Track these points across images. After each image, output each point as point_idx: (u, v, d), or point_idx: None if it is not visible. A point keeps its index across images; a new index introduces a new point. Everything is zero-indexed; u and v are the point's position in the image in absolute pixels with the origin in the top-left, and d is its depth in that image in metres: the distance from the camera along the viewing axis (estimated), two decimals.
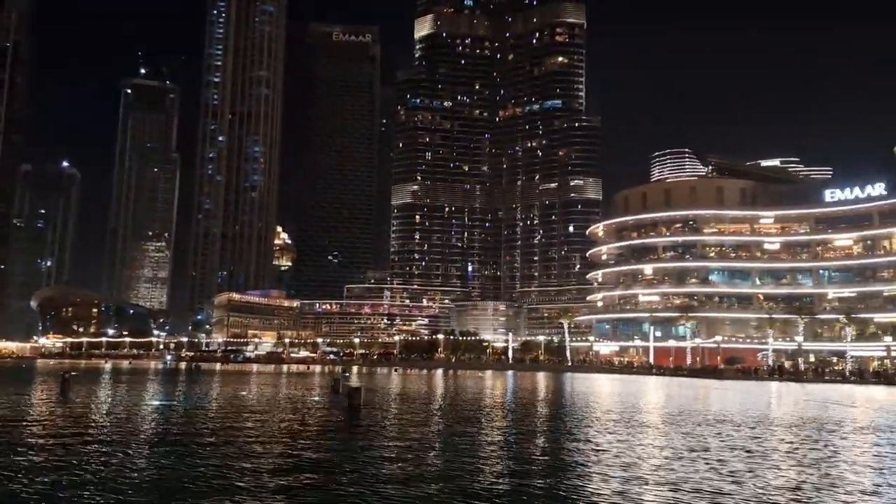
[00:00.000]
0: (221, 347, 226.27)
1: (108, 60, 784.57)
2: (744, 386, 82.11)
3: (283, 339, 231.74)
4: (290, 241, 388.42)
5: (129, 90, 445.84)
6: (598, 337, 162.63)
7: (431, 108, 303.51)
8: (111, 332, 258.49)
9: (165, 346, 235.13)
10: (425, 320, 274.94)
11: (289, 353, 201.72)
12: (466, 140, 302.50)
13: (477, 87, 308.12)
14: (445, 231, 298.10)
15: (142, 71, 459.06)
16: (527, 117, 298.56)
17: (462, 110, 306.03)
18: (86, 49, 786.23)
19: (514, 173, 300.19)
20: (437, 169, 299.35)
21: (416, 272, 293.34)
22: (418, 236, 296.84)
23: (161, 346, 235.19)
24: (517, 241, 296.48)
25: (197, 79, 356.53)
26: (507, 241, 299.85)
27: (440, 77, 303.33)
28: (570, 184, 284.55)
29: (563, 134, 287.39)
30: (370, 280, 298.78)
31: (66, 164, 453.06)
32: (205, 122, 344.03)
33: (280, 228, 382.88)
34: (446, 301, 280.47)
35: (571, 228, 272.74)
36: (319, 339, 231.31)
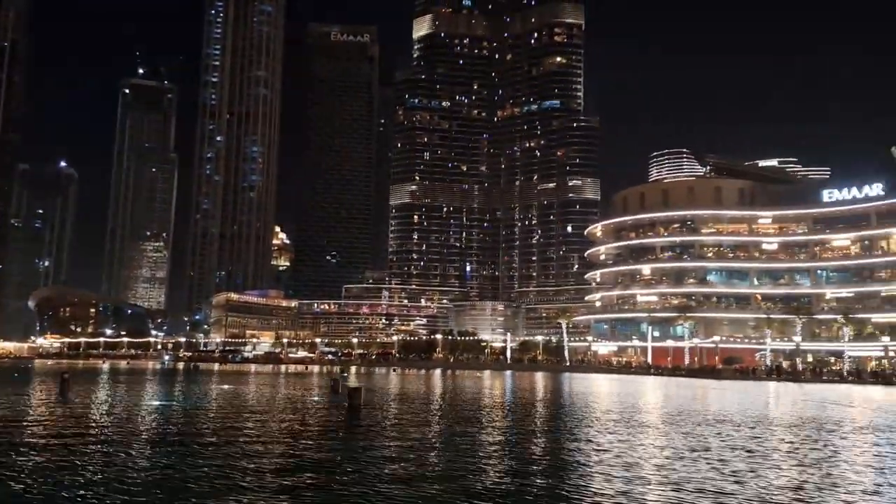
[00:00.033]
0: (219, 347, 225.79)
1: (106, 60, 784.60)
2: (742, 386, 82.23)
3: (281, 340, 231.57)
4: (289, 241, 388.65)
5: (127, 90, 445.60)
6: (596, 337, 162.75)
7: (430, 108, 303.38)
8: (109, 332, 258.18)
9: (163, 347, 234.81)
10: (423, 320, 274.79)
11: (287, 354, 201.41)
12: (465, 140, 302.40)
13: (475, 87, 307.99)
14: (444, 231, 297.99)
15: (140, 71, 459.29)
16: (525, 117, 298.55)
17: (460, 110, 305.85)
18: (84, 49, 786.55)
19: (512, 173, 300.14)
20: (436, 169, 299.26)
21: (415, 272, 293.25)
22: (416, 236, 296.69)
23: (159, 347, 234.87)
24: (515, 241, 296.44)
25: (195, 79, 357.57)
26: (506, 241, 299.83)
27: (438, 77, 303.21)
28: (568, 184, 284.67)
29: (562, 134, 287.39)
30: (368, 280, 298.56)
31: (63, 163, 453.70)
32: (203, 122, 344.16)
33: (278, 228, 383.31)
34: (444, 301, 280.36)
35: (570, 228, 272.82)
36: (318, 340, 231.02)
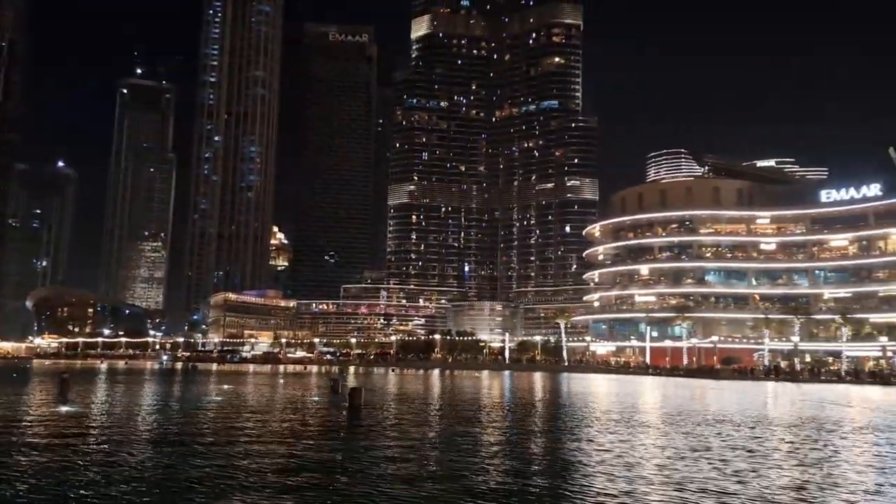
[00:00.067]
0: (218, 348, 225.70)
1: (105, 60, 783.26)
2: (740, 386, 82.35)
3: (279, 340, 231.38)
4: (287, 241, 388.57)
5: (125, 90, 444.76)
6: (594, 337, 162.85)
7: (428, 108, 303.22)
8: (107, 332, 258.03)
9: (161, 347, 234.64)
10: (422, 320, 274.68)
11: (285, 354, 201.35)
12: (463, 140, 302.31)
13: (473, 88, 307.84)
14: (442, 231, 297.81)
15: (138, 71, 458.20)
16: (523, 118, 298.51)
17: (459, 110, 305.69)
18: (83, 49, 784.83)
19: (510, 173, 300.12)
20: (434, 169, 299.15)
21: (413, 272, 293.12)
22: (415, 236, 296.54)
23: (157, 347, 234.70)
24: (514, 241, 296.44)
25: (193, 79, 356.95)
26: (504, 241, 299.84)
27: (437, 77, 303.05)
28: (566, 184, 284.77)
29: (560, 134, 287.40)
30: (367, 280, 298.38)
31: (61, 163, 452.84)
32: (201, 122, 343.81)
33: (276, 228, 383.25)
34: (443, 301, 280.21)
35: (568, 229, 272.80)
36: (316, 340, 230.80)
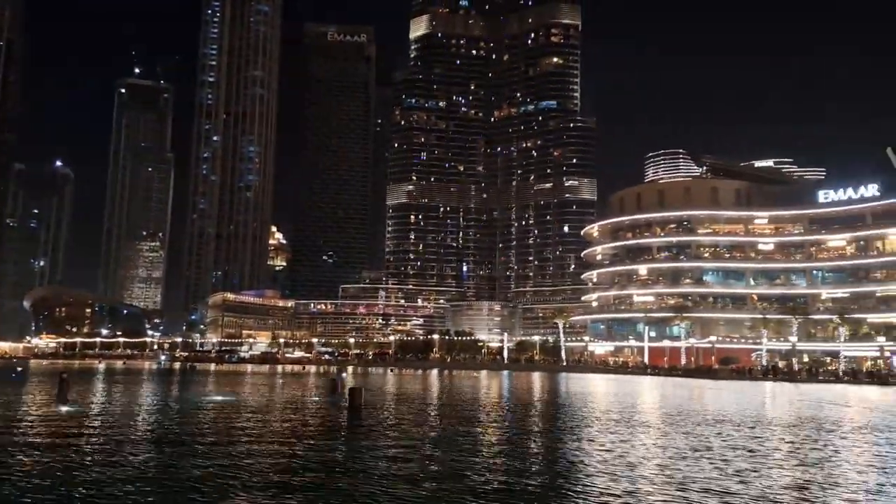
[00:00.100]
0: (216, 348, 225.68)
1: (103, 60, 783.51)
2: (738, 386, 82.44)
3: (277, 340, 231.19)
4: (285, 241, 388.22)
5: (123, 90, 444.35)
6: (593, 337, 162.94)
7: (427, 108, 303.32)
8: (105, 332, 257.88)
9: (160, 347, 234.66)
10: (420, 320, 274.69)
11: (284, 354, 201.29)
12: (462, 140, 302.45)
13: (472, 88, 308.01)
14: (440, 231, 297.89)
15: (136, 70, 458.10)
16: (522, 118, 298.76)
17: (457, 110, 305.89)
18: (81, 48, 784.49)
19: (509, 174, 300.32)
20: (433, 169, 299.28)
21: (412, 272, 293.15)
22: (413, 236, 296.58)
23: (155, 347, 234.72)
24: (512, 241, 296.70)
25: (191, 78, 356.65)
26: (503, 241, 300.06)
27: (435, 77, 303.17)
28: (565, 184, 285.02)
29: (558, 134, 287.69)
30: (365, 280, 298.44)
31: (59, 163, 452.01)
32: (199, 121, 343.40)
33: (275, 228, 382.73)
34: (441, 301, 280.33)
35: (566, 229, 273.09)
36: (314, 340, 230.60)
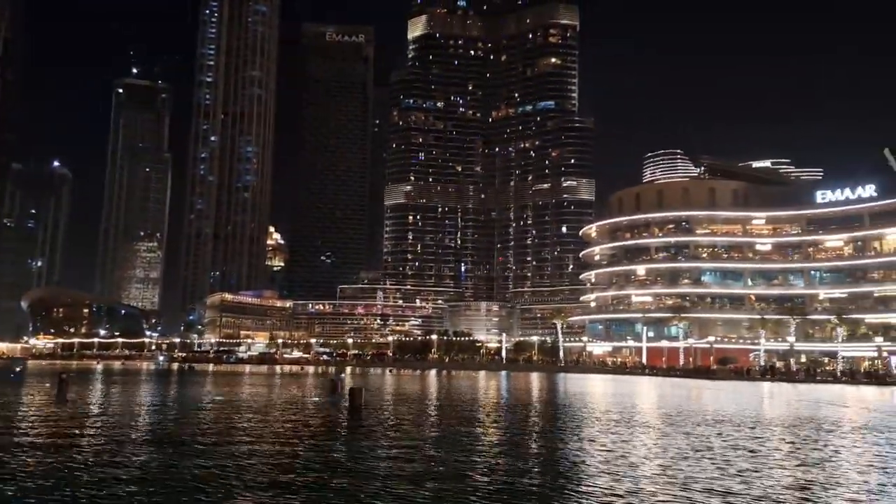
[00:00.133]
0: (214, 348, 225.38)
1: (101, 60, 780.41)
2: (736, 386, 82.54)
3: (275, 340, 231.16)
4: (283, 242, 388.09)
5: (121, 90, 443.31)
6: (591, 337, 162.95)
7: (424, 108, 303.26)
8: (103, 332, 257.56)
9: (157, 347, 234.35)
10: (418, 321, 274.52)
11: (282, 354, 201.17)
12: (459, 140, 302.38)
13: (470, 88, 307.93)
14: (438, 231, 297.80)
15: (134, 70, 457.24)
16: (520, 118, 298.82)
17: (455, 111, 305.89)
18: (79, 48, 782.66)
19: (507, 174, 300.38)
20: (431, 169, 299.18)
21: (410, 272, 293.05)
22: (411, 237, 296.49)
23: (153, 347, 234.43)
24: (510, 241, 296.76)
25: (189, 78, 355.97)
26: (501, 241, 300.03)
27: (433, 78, 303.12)
28: (563, 184, 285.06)
29: (556, 135, 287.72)
30: (363, 280, 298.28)
31: (57, 163, 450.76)
32: (197, 121, 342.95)
33: (273, 229, 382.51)
34: (439, 301, 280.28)
35: (564, 229, 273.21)
36: (312, 340, 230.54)
